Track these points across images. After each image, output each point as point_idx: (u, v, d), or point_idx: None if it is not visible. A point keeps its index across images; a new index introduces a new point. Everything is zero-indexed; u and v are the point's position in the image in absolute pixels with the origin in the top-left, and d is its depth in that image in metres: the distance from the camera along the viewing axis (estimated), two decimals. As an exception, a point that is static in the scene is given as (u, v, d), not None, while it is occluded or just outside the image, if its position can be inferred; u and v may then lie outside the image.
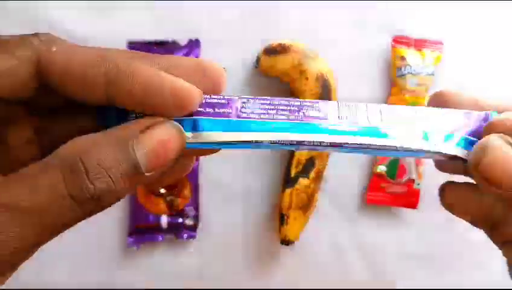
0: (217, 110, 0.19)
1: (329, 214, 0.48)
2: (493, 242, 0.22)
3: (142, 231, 0.46)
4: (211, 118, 0.19)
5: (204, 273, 0.48)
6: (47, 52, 0.17)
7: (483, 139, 0.18)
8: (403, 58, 0.47)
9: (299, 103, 0.21)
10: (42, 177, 0.15)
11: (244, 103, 0.20)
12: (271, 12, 0.47)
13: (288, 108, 0.20)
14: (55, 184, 0.15)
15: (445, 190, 0.22)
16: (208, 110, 0.19)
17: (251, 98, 0.20)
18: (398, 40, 0.47)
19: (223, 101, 0.20)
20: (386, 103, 0.48)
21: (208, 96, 0.20)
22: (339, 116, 0.20)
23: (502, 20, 0.49)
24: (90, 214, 0.16)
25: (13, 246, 0.15)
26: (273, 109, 0.20)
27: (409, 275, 0.49)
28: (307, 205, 0.45)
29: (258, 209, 0.48)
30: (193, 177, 0.47)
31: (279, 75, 0.45)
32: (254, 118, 0.20)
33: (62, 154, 0.15)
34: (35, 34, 0.17)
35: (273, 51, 0.45)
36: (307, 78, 0.44)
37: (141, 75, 0.16)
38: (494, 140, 0.18)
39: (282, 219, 0.45)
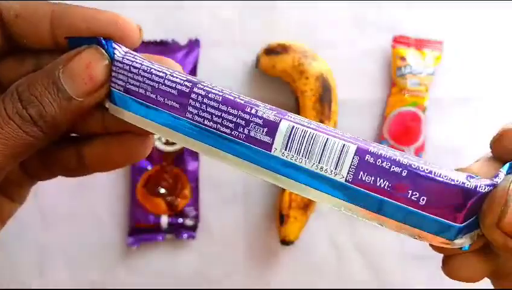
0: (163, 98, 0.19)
1: (329, 214, 0.48)
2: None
3: (142, 230, 0.46)
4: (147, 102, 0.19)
5: (204, 273, 0.48)
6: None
7: (500, 187, 0.16)
8: (403, 58, 0.47)
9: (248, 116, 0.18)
10: None
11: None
12: (271, 12, 0.47)
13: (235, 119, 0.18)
14: None
15: (449, 260, 0.19)
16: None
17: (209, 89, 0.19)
18: (398, 40, 0.47)
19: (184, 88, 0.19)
20: (386, 103, 0.48)
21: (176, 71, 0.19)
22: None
23: (502, 20, 0.49)
24: (37, 137, 0.18)
25: None
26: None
27: (409, 275, 0.49)
28: (306, 205, 0.45)
29: (258, 209, 0.48)
30: (193, 177, 0.47)
31: (279, 75, 0.45)
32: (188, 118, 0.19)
33: (7, 91, 0.19)
34: None
35: (273, 51, 0.45)
36: (307, 78, 0.44)
37: (81, 10, 0.19)
38: None
39: (282, 219, 0.45)
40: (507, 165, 0.17)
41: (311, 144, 0.17)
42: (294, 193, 0.18)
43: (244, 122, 0.18)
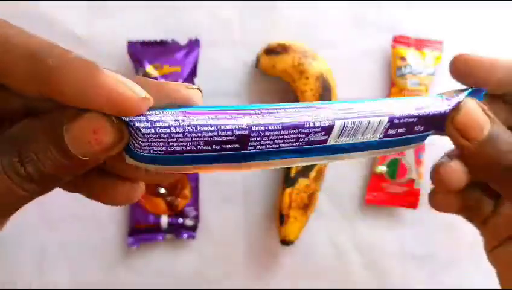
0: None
1: (329, 214, 0.48)
2: (472, 225, 0.27)
3: (142, 231, 0.46)
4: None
5: (204, 273, 0.48)
6: None
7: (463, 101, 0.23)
8: (403, 58, 0.47)
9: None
10: None
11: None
12: (271, 12, 0.47)
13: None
14: None
15: (433, 196, 0.27)
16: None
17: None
18: (398, 40, 0.47)
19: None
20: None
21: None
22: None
23: (502, 20, 0.49)
24: (36, 193, 0.18)
25: None
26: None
27: (408, 275, 0.49)
28: (307, 205, 0.45)
29: (258, 209, 0.48)
30: (193, 177, 0.47)
31: (279, 75, 0.45)
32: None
33: (2, 140, 0.17)
34: None
35: (273, 51, 0.45)
36: (307, 78, 0.44)
37: (73, 75, 0.16)
38: (469, 101, 0.23)
39: (282, 219, 0.45)
40: (468, 90, 0.25)
41: (358, 128, 0.21)
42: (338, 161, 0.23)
43: (304, 134, 0.20)
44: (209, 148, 0.19)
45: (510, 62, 0.24)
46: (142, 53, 0.45)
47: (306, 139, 0.20)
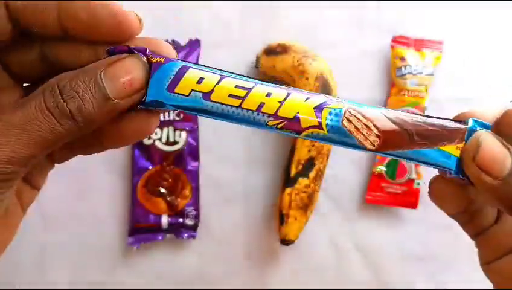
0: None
1: (329, 214, 0.48)
2: (467, 233, 0.26)
3: (142, 230, 0.46)
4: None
5: (204, 273, 0.48)
6: None
7: (476, 134, 0.21)
8: (402, 58, 0.47)
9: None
10: (29, 99, 0.19)
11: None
12: (271, 12, 0.47)
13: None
14: (38, 103, 0.19)
15: (433, 183, 0.25)
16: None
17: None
18: (398, 40, 0.47)
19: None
20: (386, 102, 0.48)
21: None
22: None
23: (502, 20, 0.49)
24: (71, 131, 0.19)
25: (7, 155, 0.18)
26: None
27: (408, 275, 0.49)
28: (306, 205, 0.45)
29: (258, 209, 0.48)
30: (193, 177, 0.47)
31: (279, 75, 0.45)
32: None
33: (45, 84, 0.19)
34: None
35: (273, 51, 0.45)
36: (307, 78, 0.44)
37: (85, 4, 0.20)
38: (485, 134, 0.21)
39: (282, 219, 0.45)
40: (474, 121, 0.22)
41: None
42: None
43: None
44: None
45: None
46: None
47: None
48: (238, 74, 0.21)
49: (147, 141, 0.46)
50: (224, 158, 0.48)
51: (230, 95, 0.21)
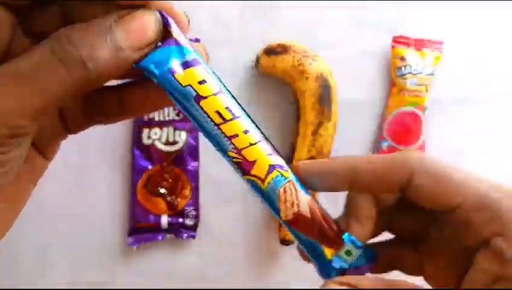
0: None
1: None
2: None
3: (142, 230, 0.46)
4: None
5: (204, 273, 0.48)
6: None
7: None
8: (402, 58, 0.47)
9: None
10: (37, 49, 0.18)
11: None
12: (271, 12, 0.47)
13: None
14: (45, 50, 0.17)
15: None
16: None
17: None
18: (398, 40, 0.47)
19: None
20: (386, 103, 0.48)
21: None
22: None
23: (502, 20, 0.49)
24: (81, 82, 0.18)
25: (13, 105, 0.17)
26: None
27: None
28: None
29: (258, 209, 0.48)
30: (193, 177, 0.47)
31: (279, 75, 0.45)
32: None
33: (53, 34, 0.18)
34: None
35: (273, 51, 0.45)
36: (306, 78, 0.44)
37: None
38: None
39: (282, 219, 0.45)
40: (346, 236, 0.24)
41: None
42: None
43: None
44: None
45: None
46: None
47: None
48: (233, 96, 0.22)
49: (146, 141, 0.46)
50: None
51: (217, 111, 0.21)
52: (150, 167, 0.46)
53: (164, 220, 0.46)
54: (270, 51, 0.45)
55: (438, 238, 0.24)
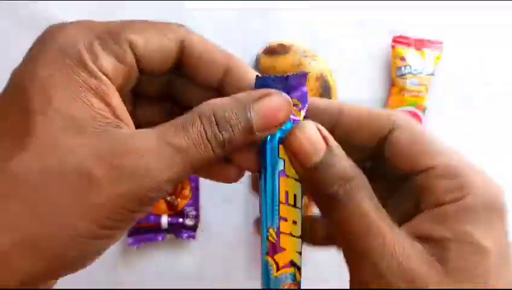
0: None
1: (329, 214, 0.48)
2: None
3: (142, 230, 0.46)
4: None
5: (204, 273, 0.48)
6: (189, 36, 0.24)
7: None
8: (402, 58, 0.47)
9: None
10: (187, 123, 0.20)
11: None
12: (271, 12, 0.47)
13: None
14: (199, 130, 0.20)
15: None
16: None
17: None
18: (398, 40, 0.47)
19: None
20: (386, 103, 0.48)
21: None
22: None
23: (502, 20, 0.49)
24: (218, 157, 0.21)
25: (167, 175, 0.19)
26: None
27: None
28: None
29: (258, 209, 0.48)
30: (193, 177, 0.47)
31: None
32: None
33: (199, 110, 0.20)
34: (175, 23, 0.23)
35: (273, 51, 0.45)
36: (306, 78, 0.44)
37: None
38: (305, 123, 0.22)
39: (282, 219, 0.45)
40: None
41: None
42: None
43: None
44: None
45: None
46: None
47: None
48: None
49: (146, 141, 0.46)
50: (224, 158, 0.48)
51: (286, 192, 0.24)
52: (150, 167, 0.46)
53: (164, 220, 0.46)
54: (270, 51, 0.45)
55: (393, 207, 0.24)
